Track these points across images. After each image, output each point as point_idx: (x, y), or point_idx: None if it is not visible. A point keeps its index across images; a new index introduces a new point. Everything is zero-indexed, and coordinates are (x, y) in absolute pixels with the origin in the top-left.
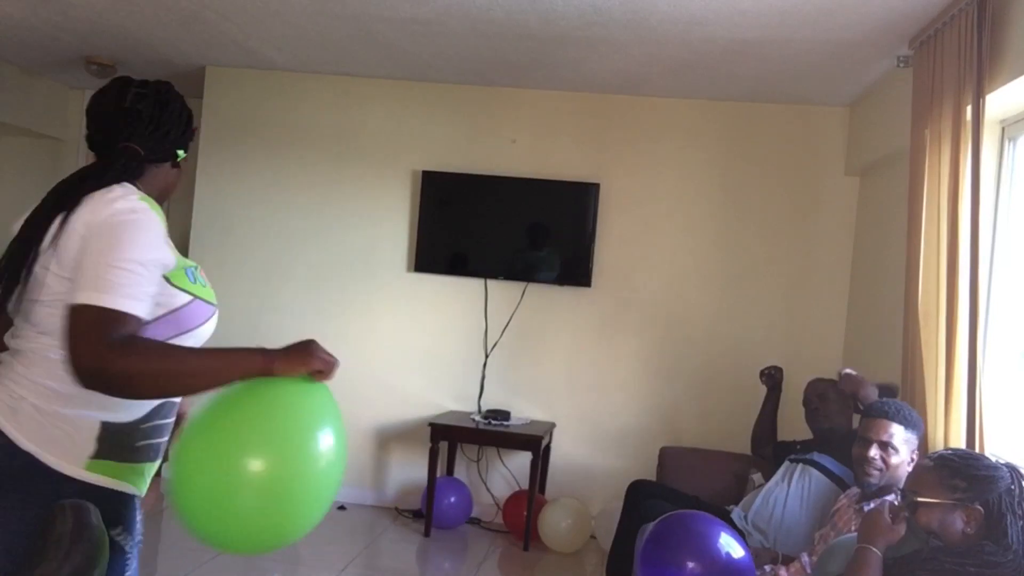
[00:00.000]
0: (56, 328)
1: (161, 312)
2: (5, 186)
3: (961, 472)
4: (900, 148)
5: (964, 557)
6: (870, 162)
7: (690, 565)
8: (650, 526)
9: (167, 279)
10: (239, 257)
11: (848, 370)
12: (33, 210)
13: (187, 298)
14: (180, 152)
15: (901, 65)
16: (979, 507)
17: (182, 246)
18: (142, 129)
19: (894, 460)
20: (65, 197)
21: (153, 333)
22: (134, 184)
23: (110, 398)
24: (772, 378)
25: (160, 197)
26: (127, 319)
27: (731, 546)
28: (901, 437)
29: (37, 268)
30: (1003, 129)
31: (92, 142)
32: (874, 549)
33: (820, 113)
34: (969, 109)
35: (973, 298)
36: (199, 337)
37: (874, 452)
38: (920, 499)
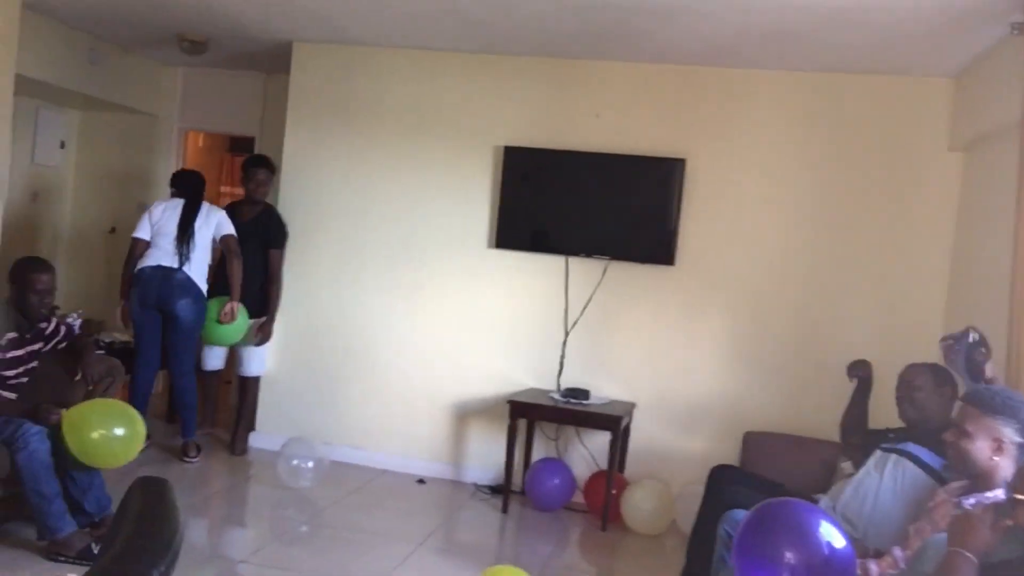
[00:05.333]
0: None
1: None
2: (105, 159)
3: None
4: (1010, 121)
5: None
6: (976, 136)
7: (788, 555)
8: (740, 513)
9: None
10: (322, 232)
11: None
12: None
13: None
14: None
15: (1015, 32)
16: None
17: None
18: None
19: (971, 448)
20: None
21: None
22: None
23: None
24: (860, 378)
25: None
26: None
27: (832, 536)
28: (983, 425)
29: None
30: None
31: None
32: (967, 554)
33: (923, 85)
34: None
35: None
36: None
37: (950, 435)
38: (1020, 497)
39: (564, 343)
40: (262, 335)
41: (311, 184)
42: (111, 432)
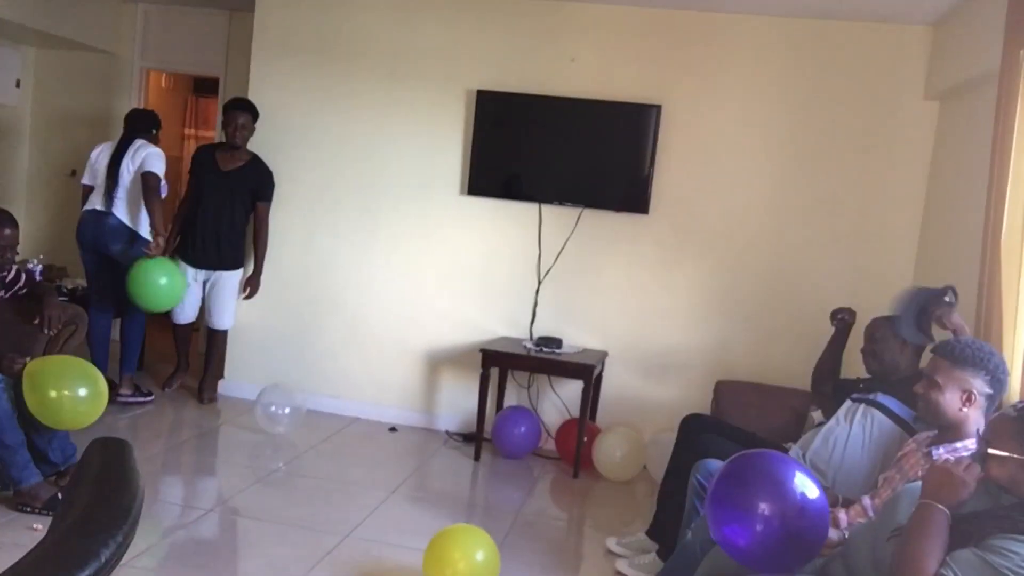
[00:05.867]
0: None
1: None
2: (63, 100)
3: None
4: (989, 70)
5: None
6: (953, 85)
7: (763, 506)
8: (712, 462)
9: None
10: (291, 178)
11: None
12: None
13: None
14: None
15: None
16: None
17: None
18: None
19: (941, 400)
20: None
21: None
22: None
23: None
24: (843, 321)
25: None
26: None
27: (806, 486)
28: (953, 376)
29: None
30: None
31: None
32: (940, 506)
33: (900, 32)
34: None
35: None
36: None
37: (920, 387)
38: (991, 450)
39: (537, 291)
40: (251, 288)
41: (278, 128)
42: (74, 393)
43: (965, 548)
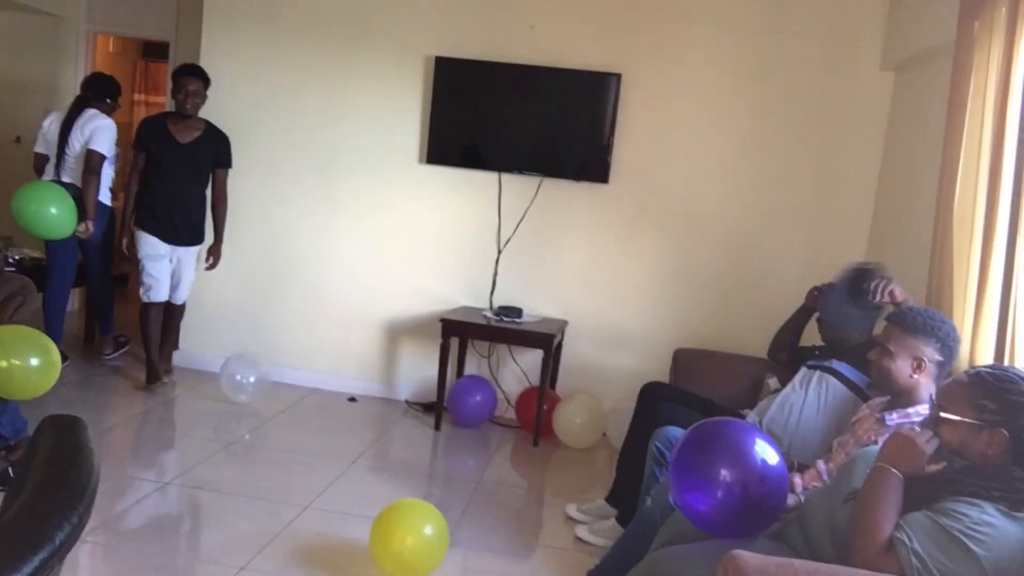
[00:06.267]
0: None
1: None
2: (6, 64)
3: (994, 394)
4: (944, 42)
5: (990, 480)
6: (909, 56)
7: (724, 473)
8: (671, 430)
9: None
10: (245, 146)
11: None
12: None
13: None
14: None
15: None
16: (1004, 431)
17: None
18: None
19: (892, 367)
20: None
21: None
22: None
23: None
24: (816, 299)
25: None
26: None
27: (767, 454)
28: (905, 343)
29: None
30: None
31: None
32: (894, 471)
33: (857, 3)
34: None
35: (1016, 204)
36: None
37: (873, 354)
38: (943, 415)
39: (497, 261)
40: (214, 258)
41: (231, 94)
42: (25, 363)
43: (917, 511)
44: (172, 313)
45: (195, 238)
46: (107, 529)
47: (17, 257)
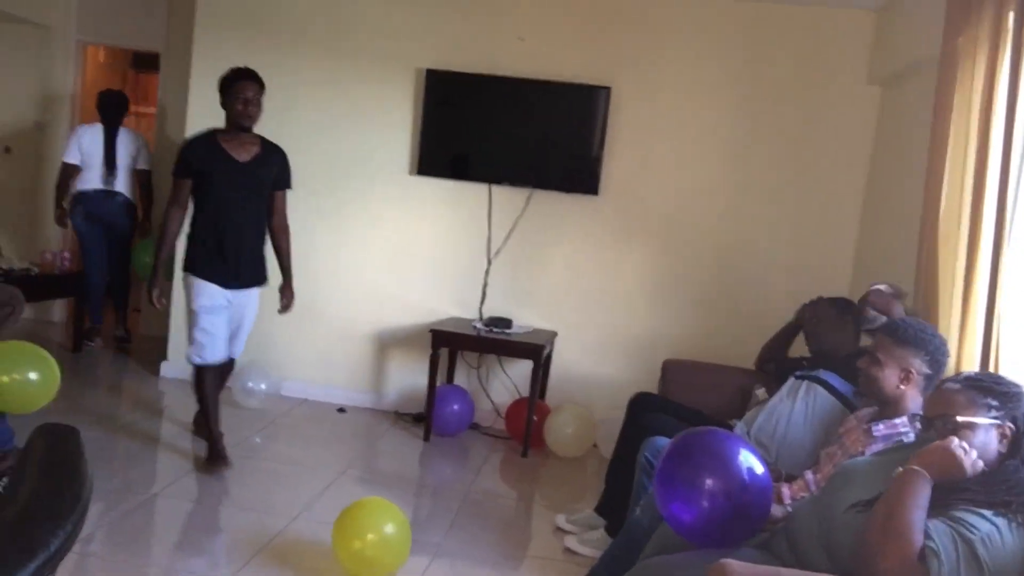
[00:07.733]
0: None
1: None
2: None
3: (991, 391)
4: (929, 56)
5: (992, 484)
6: (895, 71)
7: (708, 482)
8: (660, 440)
9: None
10: None
11: (879, 286)
12: None
13: None
14: None
15: None
16: (1010, 424)
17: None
18: None
19: (880, 376)
20: None
21: None
22: None
23: None
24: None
25: None
26: None
27: (752, 463)
28: (894, 354)
29: None
30: None
31: None
32: (927, 475)
33: (844, 17)
34: (1012, 16)
35: (1000, 217)
36: None
37: (863, 362)
38: (961, 419)
39: (487, 272)
40: (287, 299)
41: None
42: (24, 377)
43: (935, 519)
44: (227, 369)
45: (259, 278)
46: (96, 540)
47: (5, 268)
